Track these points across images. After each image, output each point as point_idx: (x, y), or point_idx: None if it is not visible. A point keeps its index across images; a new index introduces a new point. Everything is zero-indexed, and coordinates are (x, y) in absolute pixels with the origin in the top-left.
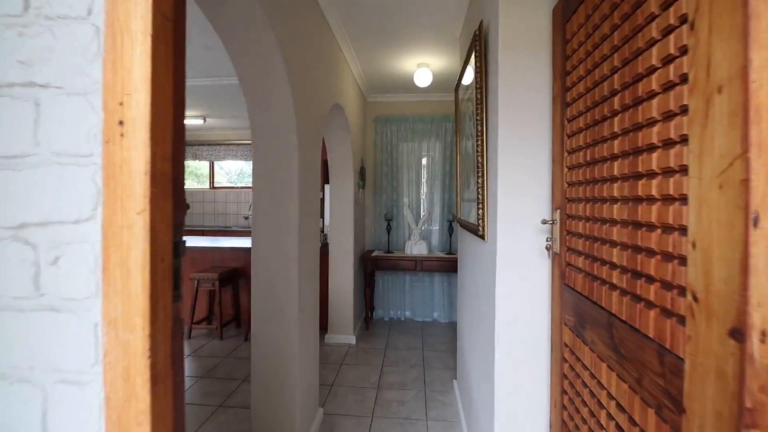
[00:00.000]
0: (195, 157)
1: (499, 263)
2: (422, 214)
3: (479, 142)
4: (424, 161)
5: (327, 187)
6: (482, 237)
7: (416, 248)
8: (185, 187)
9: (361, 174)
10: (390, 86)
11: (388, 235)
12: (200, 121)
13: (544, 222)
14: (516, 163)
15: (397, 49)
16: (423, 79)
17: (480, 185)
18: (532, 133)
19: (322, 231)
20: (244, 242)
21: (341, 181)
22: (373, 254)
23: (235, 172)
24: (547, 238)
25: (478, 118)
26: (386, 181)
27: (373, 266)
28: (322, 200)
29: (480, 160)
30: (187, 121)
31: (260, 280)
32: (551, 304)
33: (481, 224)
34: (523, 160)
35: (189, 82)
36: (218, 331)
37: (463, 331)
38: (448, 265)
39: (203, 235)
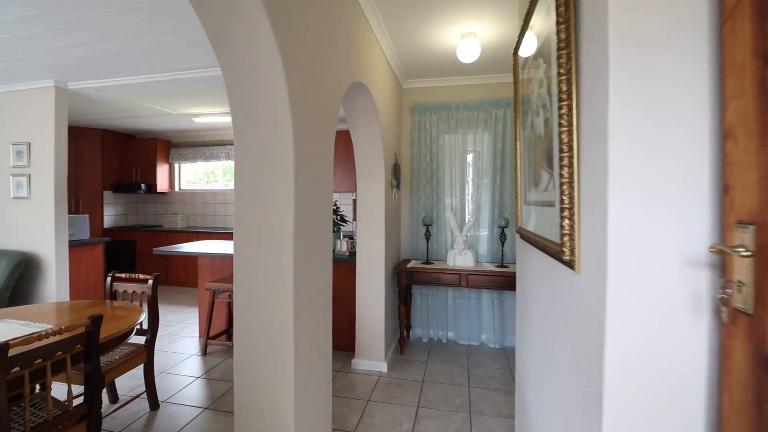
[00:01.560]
0: (229, 157)
1: (611, 321)
2: (467, 218)
3: (565, 114)
4: (469, 157)
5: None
6: (569, 265)
7: (461, 259)
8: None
9: (395, 172)
10: (428, 68)
11: (427, 242)
12: (230, 118)
13: (715, 250)
14: (643, 144)
15: (437, 13)
16: (469, 52)
17: (566, 183)
18: (675, 91)
19: (351, 238)
20: None
21: (370, 180)
22: (409, 265)
23: None
24: (722, 284)
25: (562, 73)
26: (425, 179)
27: (408, 279)
28: (354, 201)
29: (566, 143)
30: (216, 118)
31: (244, 297)
32: (721, 405)
33: (567, 245)
34: (658, 139)
35: (204, 73)
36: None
37: (527, 379)
38: (499, 281)
39: (226, 238)
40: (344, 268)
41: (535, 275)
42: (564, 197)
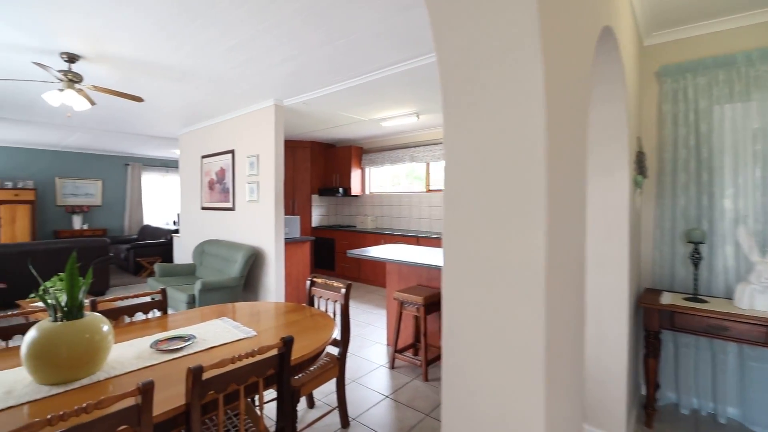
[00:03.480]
0: (413, 159)
1: None
2: None
3: None
4: None
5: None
6: None
7: (764, 300)
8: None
9: (639, 165)
10: (690, 5)
11: (696, 269)
12: (414, 119)
13: None
14: None
15: None
16: None
17: None
18: None
19: None
20: None
21: (607, 181)
22: (664, 301)
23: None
24: None
25: None
26: (685, 174)
27: (664, 322)
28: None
29: None
30: (401, 120)
31: (457, 354)
32: None
33: None
34: None
35: (392, 70)
36: (423, 370)
37: None
38: None
39: (417, 243)
40: None
41: None
42: None
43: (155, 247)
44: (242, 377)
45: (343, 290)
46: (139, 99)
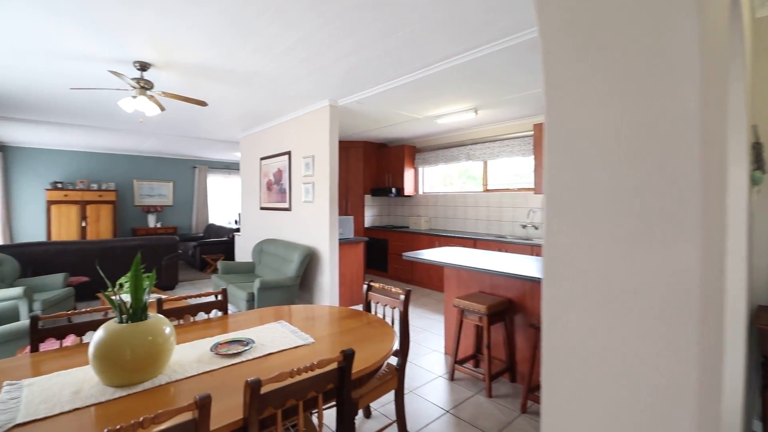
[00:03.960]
0: (468, 158)
1: None
2: None
3: None
4: None
5: None
6: None
7: None
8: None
9: (756, 157)
10: None
11: None
12: (472, 114)
13: None
14: None
15: None
16: None
17: None
18: None
19: None
20: (520, 260)
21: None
22: None
23: (508, 172)
24: None
25: None
26: None
27: None
28: None
29: None
30: (457, 117)
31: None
32: None
33: None
34: None
35: (450, 63)
36: (486, 384)
37: None
38: None
39: (474, 245)
40: None
41: None
42: None
43: (219, 244)
44: (301, 392)
45: (402, 297)
46: (203, 103)
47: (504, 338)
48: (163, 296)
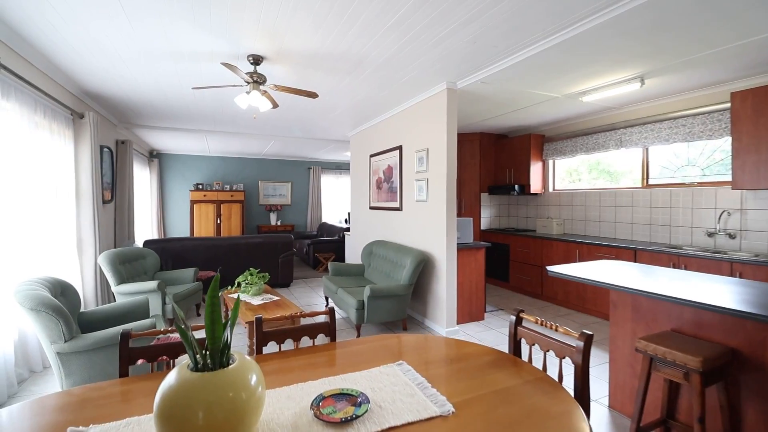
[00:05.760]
0: (620, 144)
1: None
2: None
3: None
4: None
5: None
6: None
7: None
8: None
9: None
10: None
11: None
12: (636, 85)
13: None
14: None
15: None
16: None
17: None
18: None
19: None
20: (733, 286)
21: None
22: None
23: (672, 163)
24: None
25: None
26: None
27: None
28: None
29: None
30: (614, 91)
31: None
32: None
33: None
34: None
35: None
36: None
37: None
38: None
39: (634, 258)
40: None
41: None
42: None
43: (330, 243)
44: None
45: (581, 344)
46: (314, 94)
47: (720, 406)
48: (276, 297)
